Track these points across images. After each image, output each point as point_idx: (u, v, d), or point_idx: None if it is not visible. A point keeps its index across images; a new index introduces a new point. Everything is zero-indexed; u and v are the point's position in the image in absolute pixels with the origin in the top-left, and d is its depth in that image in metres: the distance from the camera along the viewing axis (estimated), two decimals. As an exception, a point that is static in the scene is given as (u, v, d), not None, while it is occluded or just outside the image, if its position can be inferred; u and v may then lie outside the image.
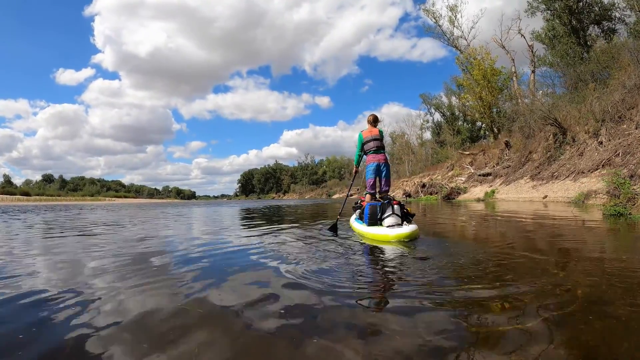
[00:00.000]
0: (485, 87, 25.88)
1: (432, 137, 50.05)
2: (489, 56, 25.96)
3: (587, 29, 22.16)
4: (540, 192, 13.64)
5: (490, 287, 2.05)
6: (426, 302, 1.84)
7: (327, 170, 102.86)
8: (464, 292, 1.98)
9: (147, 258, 3.37)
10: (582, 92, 17.42)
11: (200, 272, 2.71)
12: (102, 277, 2.58)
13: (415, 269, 2.59)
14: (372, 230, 4.29)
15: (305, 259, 3.09)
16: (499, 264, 2.72)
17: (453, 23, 30.14)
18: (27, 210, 18.82)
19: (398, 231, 3.98)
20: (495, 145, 25.28)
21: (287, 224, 6.99)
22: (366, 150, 5.10)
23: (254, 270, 2.77)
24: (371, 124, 5.19)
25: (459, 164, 30.18)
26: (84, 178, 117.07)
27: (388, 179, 5.05)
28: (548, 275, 2.33)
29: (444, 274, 2.42)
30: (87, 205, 33.23)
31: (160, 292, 2.18)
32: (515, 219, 6.92)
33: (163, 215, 11.42)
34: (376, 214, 4.39)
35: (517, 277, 2.27)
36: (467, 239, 4.60)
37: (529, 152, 19.14)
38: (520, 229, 5.39)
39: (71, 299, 2.02)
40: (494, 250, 3.42)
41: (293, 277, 2.42)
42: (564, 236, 4.41)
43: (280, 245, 4.10)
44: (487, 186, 20.38)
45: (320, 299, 1.95)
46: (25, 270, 2.88)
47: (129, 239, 5.08)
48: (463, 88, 34.29)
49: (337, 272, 2.55)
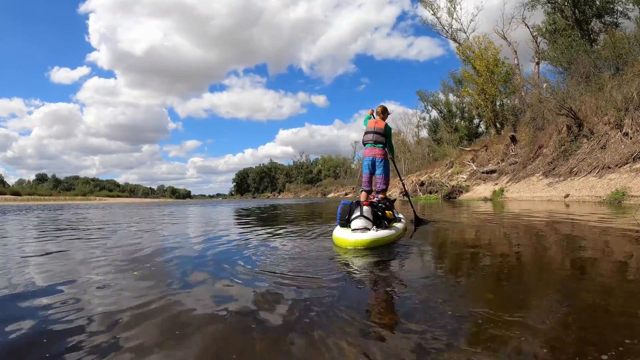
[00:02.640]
0: (489, 79, 24.15)
1: (429, 135, 48.65)
2: (492, 45, 24.23)
3: (590, 22, 21.05)
4: (559, 191, 11.87)
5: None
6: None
7: (322, 169, 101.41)
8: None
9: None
10: (598, 80, 15.82)
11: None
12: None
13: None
14: (337, 232, 3.78)
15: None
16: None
17: (452, 15, 28.59)
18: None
19: (357, 237, 3.47)
20: (499, 141, 23.54)
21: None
22: (364, 142, 4.71)
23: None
24: (379, 115, 4.81)
25: (459, 161, 28.48)
26: (78, 177, 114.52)
27: (385, 177, 4.63)
28: None
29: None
30: (70, 205, 31.26)
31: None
32: (564, 224, 5.14)
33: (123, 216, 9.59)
34: (345, 213, 3.88)
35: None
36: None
37: (539, 146, 17.44)
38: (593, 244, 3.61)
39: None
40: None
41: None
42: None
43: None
44: (493, 184, 18.63)
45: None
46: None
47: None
48: (463, 82, 32.80)
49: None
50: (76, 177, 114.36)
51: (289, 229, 5.53)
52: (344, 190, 68.17)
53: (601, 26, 20.68)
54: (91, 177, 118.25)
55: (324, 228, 5.30)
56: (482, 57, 24.07)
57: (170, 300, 1.88)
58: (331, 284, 2.14)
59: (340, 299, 1.85)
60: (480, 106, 26.42)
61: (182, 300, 1.89)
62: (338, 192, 70.58)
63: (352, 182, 70.60)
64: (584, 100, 15.04)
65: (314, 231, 5.02)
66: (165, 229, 6.26)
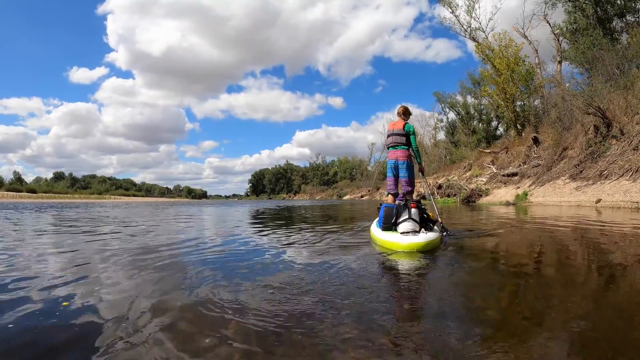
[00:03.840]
0: (509, 78, 23.29)
1: (447, 137, 47.74)
2: (513, 43, 23.37)
3: (612, 21, 20.22)
4: (589, 195, 11.16)
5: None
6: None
7: (338, 171, 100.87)
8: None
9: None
10: (628, 78, 14.97)
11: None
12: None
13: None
14: (384, 236, 3.70)
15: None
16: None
17: (470, 14, 27.87)
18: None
19: (411, 240, 3.39)
20: (521, 142, 22.65)
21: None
22: (386, 146, 4.66)
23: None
24: (400, 115, 4.60)
25: (477, 163, 27.67)
26: (95, 176, 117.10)
27: (409, 179, 4.49)
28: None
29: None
30: (83, 203, 31.72)
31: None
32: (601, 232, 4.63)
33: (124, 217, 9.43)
34: (391, 217, 3.78)
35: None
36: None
37: (564, 148, 16.63)
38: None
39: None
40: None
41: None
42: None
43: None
44: (514, 187, 17.87)
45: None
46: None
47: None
48: (481, 83, 31.82)
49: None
50: (93, 176, 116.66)
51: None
52: (360, 192, 67.54)
53: (622, 25, 19.94)
54: (108, 176, 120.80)
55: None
56: (503, 55, 23.23)
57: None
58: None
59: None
60: (501, 107, 25.51)
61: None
62: (354, 194, 69.99)
63: (368, 184, 69.90)
64: (612, 99, 14.23)
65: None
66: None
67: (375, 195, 58.20)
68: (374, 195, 58.86)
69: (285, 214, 11.61)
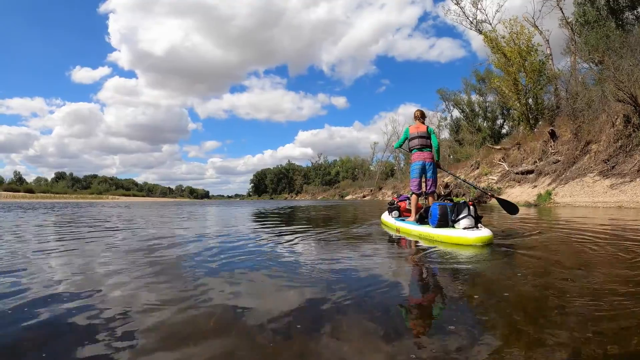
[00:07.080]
0: (522, 66, 21.53)
1: (451, 136, 46.14)
2: (524, 29, 21.63)
3: (624, 12, 18.84)
4: (630, 195, 9.46)
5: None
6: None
7: (340, 171, 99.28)
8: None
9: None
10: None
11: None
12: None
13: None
14: (444, 232, 3.82)
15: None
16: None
17: (476, 5, 26.23)
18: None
19: (477, 234, 3.52)
20: (534, 137, 20.86)
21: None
22: (411, 148, 4.92)
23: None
24: (419, 119, 5.00)
25: (486, 161, 25.92)
26: (97, 176, 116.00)
27: (434, 179, 4.83)
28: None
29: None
30: (74, 203, 30.31)
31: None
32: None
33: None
34: (447, 214, 3.88)
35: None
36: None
37: (586, 142, 14.90)
38: None
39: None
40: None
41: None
42: None
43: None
44: (530, 186, 16.13)
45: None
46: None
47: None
48: (487, 79, 30.15)
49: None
50: (94, 176, 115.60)
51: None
52: (362, 192, 65.84)
53: (632, 18, 18.57)
54: (110, 176, 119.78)
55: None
56: (515, 43, 21.50)
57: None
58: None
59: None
60: (511, 99, 23.75)
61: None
62: (356, 194, 68.28)
63: (370, 184, 68.20)
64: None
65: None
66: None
67: (377, 195, 56.46)
68: (376, 195, 57.12)
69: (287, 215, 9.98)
